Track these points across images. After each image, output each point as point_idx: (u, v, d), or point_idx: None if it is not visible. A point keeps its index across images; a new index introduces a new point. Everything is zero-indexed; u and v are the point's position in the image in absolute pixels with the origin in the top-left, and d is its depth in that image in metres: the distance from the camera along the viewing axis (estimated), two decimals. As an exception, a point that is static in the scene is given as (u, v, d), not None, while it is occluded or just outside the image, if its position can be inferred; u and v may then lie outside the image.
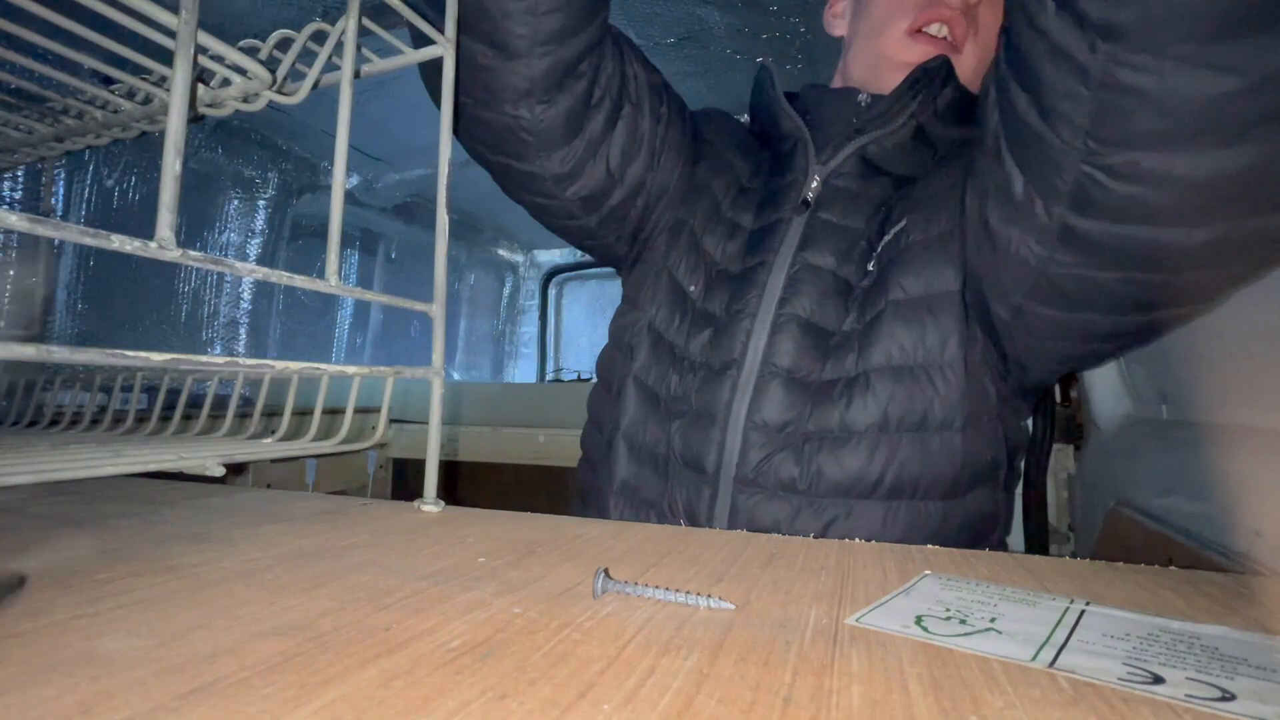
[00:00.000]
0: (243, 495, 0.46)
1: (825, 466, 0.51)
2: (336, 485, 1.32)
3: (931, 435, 0.51)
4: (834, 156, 0.59)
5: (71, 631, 0.21)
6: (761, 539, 0.35)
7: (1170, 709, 0.17)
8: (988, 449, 0.53)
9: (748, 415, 0.53)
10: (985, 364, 0.53)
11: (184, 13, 0.27)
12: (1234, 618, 0.24)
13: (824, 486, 0.51)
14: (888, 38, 0.61)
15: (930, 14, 0.59)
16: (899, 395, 0.51)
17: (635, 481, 0.59)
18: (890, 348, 0.52)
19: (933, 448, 0.51)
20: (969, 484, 0.52)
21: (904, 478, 0.50)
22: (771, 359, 0.54)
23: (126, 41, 0.40)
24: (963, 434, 0.51)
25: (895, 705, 0.17)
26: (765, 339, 0.54)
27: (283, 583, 0.26)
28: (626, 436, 0.59)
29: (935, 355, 0.51)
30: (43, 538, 0.33)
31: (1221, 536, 0.52)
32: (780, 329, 0.54)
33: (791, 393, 0.53)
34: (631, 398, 0.60)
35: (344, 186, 0.36)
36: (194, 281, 1.31)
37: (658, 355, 0.60)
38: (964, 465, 0.51)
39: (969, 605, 0.25)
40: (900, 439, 0.51)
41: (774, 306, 0.55)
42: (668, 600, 0.24)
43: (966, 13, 0.59)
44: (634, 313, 0.63)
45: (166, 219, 0.26)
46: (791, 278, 0.55)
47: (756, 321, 0.55)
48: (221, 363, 0.32)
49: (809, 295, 0.55)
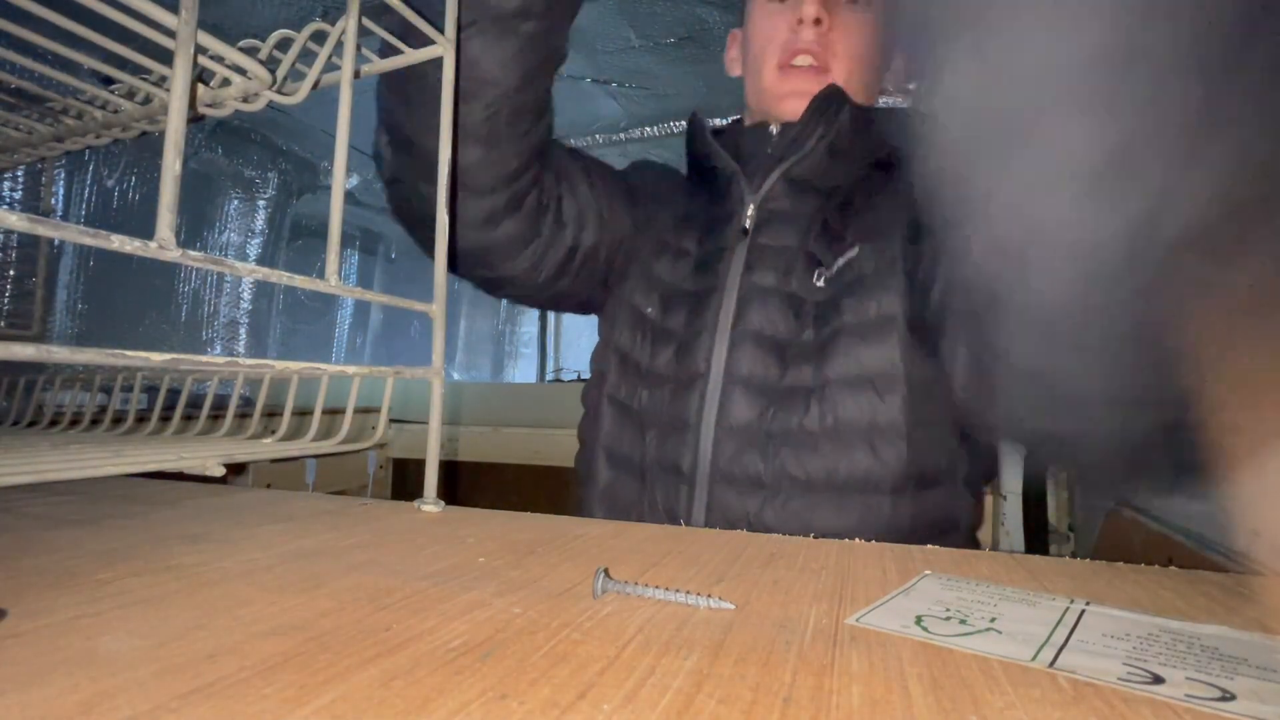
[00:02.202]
0: (243, 495, 0.46)
1: (787, 464, 0.57)
2: (336, 485, 1.32)
3: (879, 438, 0.57)
4: (763, 184, 0.66)
5: (72, 631, 0.21)
6: (762, 539, 0.35)
7: (1170, 709, 0.17)
8: (938, 452, 0.58)
9: (718, 421, 0.59)
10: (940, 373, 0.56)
11: (184, 13, 0.27)
12: (1234, 618, 0.24)
13: (786, 481, 0.57)
14: (765, 75, 0.69)
15: (791, 49, 0.68)
16: (850, 404, 0.57)
17: (615, 486, 0.65)
18: (846, 363, 0.58)
19: (880, 450, 0.57)
20: (918, 484, 0.57)
21: (855, 475, 0.57)
22: (733, 370, 0.60)
23: (126, 41, 0.40)
24: (908, 439, 0.56)
25: (895, 705, 0.17)
26: (725, 353, 0.61)
27: (283, 583, 0.26)
28: (605, 447, 0.67)
29: (883, 370, 0.57)
30: (42, 538, 0.33)
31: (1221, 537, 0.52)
32: (737, 344, 0.60)
33: (754, 397, 0.59)
34: (607, 414, 0.67)
35: (344, 186, 0.36)
36: (194, 281, 1.31)
37: (625, 373, 0.67)
38: (910, 466, 0.57)
39: (969, 605, 0.25)
40: (853, 441, 0.57)
41: (730, 324, 0.61)
42: (668, 600, 0.24)
43: (821, 39, 0.67)
44: (601, 343, 0.71)
45: (166, 219, 0.26)
46: (742, 299, 0.62)
47: (715, 338, 0.61)
48: (221, 363, 0.32)
49: (760, 313, 0.61)
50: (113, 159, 1.14)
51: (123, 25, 0.34)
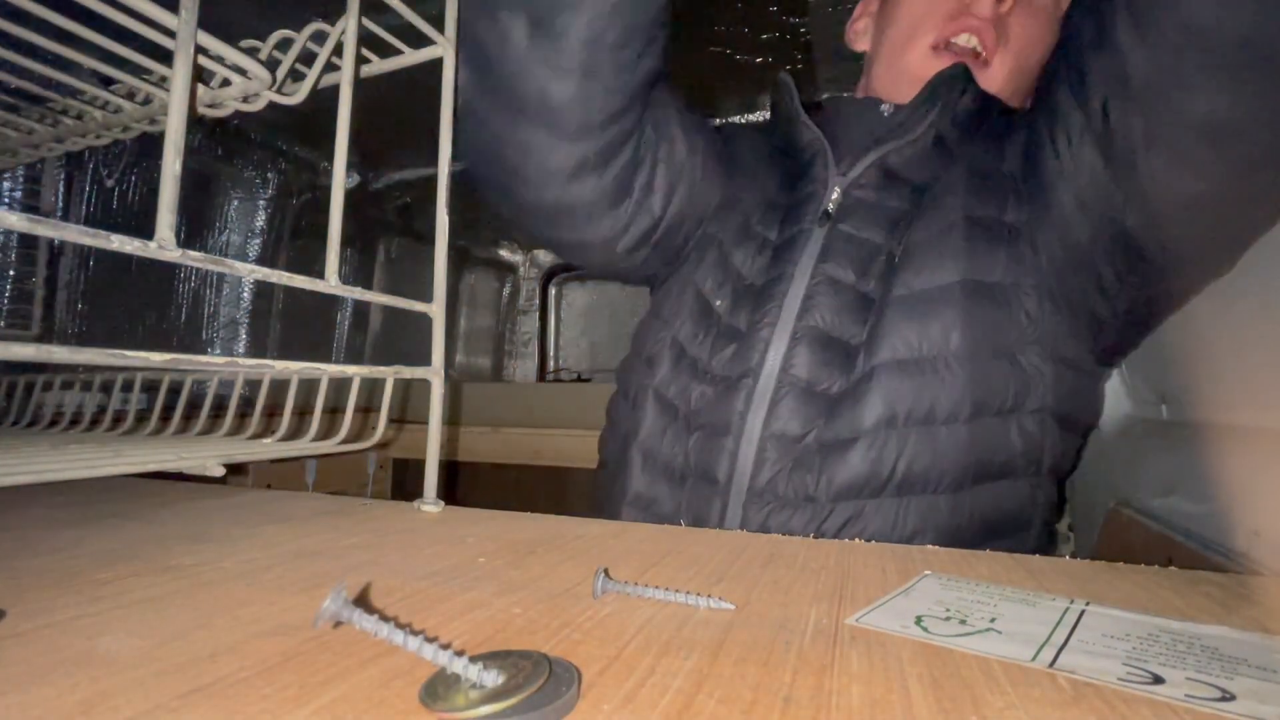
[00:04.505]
0: (243, 495, 0.46)
1: (836, 472, 0.51)
2: (336, 485, 1.32)
3: (938, 428, 0.50)
4: (854, 167, 0.58)
5: (72, 631, 0.21)
6: (762, 539, 0.35)
7: (1170, 709, 0.17)
8: (1013, 438, 0.51)
9: (764, 426, 0.53)
10: (1017, 344, 0.52)
11: (184, 13, 0.27)
12: (1234, 618, 0.24)
13: (834, 491, 0.51)
14: (912, 53, 0.60)
15: (958, 25, 0.58)
16: (904, 390, 0.50)
17: (649, 494, 0.58)
18: (895, 343, 0.51)
19: (940, 440, 0.50)
20: (978, 476, 0.51)
21: (913, 472, 0.50)
22: (789, 370, 0.53)
23: (126, 42, 0.40)
24: (969, 425, 0.50)
25: (895, 705, 0.17)
26: (784, 350, 0.54)
27: (283, 583, 0.26)
28: (642, 448, 0.59)
29: (939, 348, 0.51)
30: (42, 537, 0.33)
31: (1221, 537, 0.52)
32: (799, 340, 0.54)
33: (809, 405, 0.52)
34: (650, 410, 0.59)
35: (344, 187, 0.36)
36: (194, 281, 1.30)
37: (679, 369, 0.59)
38: (973, 457, 0.50)
39: (969, 605, 0.25)
40: (909, 433, 0.50)
41: (793, 319, 0.54)
42: (668, 600, 0.24)
43: (996, 23, 0.57)
44: (657, 324, 0.63)
45: (166, 219, 0.26)
46: (811, 290, 0.55)
47: (775, 332, 0.54)
48: (221, 363, 0.32)
49: (827, 308, 0.54)
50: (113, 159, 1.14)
51: (123, 25, 0.34)
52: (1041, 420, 0.52)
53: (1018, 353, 0.52)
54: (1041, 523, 0.56)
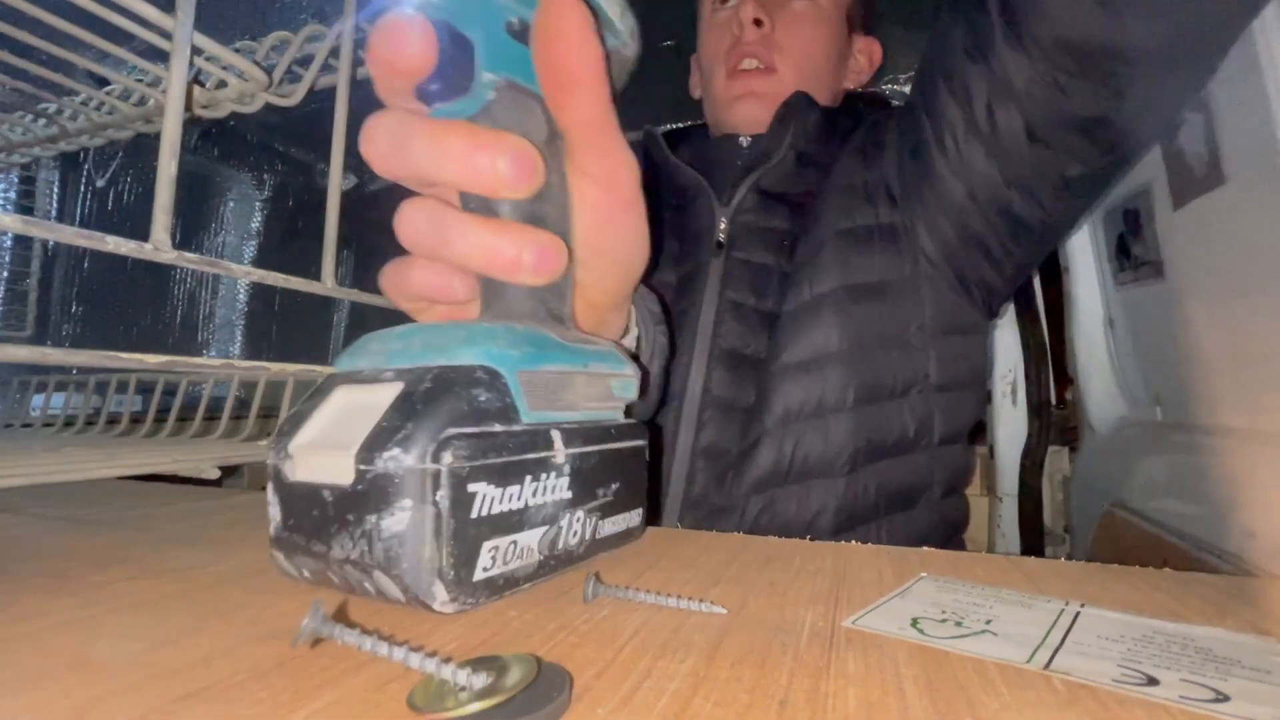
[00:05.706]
0: (238, 497, 0.46)
1: (749, 472, 0.57)
2: (332, 487, 1.31)
3: (827, 418, 0.57)
4: (734, 196, 0.66)
5: (65, 635, 0.21)
6: (759, 541, 0.35)
7: (1164, 710, 0.17)
8: (905, 417, 0.59)
9: (694, 442, 0.59)
10: (904, 330, 0.58)
11: (179, 14, 0.27)
12: (1228, 619, 0.24)
13: (747, 488, 0.57)
14: (718, 85, 0.70)
15: (738, 53, 0.68)
16: (797, 390, 0.57)
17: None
18: (791, 351, 0.58)
19: (830, 429, 0.57)
20: (870, 456, 0.57)
21: (810, 460, 0.57)
22: (710, 390, 0.60)
23: (122, 43, 0.40)
24: (854, 413, 0.57)
25: (891, 707, 0.17)
26: (703, 372, 0.60)
27: (278, 586, 0.26)
28: None
29: (823, 349, 0.58)
30: (36, 540, 0.32)
31: (1216, 538, 0.52)
32: (715, 362, 0.60)
33: (729, 419, 0.59)
34: None
35: (340, 188, 0.36)
36: (189, 283, 1.30)
37: None
38: (862, 440, 0.57)
39: (965, 607, 0.25)
40: (804, 427, 0.57)
41: (708, 343, 0.61)
42: (661, 605, 0.24)
43: (765, 40, 0.67)
44: None
45: (162, 220, 0.26)
46: (719, 316, 0.62)
47: (694, 357, 0.61)
48: (217, 364, 0.32)
49: (734, 331, 0.61)
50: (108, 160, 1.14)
51: (118, 26, 0.34)
52: (929, 396, 0.60)
53: (907, 337, 0.59)
54: (942, 489, 0.62)
